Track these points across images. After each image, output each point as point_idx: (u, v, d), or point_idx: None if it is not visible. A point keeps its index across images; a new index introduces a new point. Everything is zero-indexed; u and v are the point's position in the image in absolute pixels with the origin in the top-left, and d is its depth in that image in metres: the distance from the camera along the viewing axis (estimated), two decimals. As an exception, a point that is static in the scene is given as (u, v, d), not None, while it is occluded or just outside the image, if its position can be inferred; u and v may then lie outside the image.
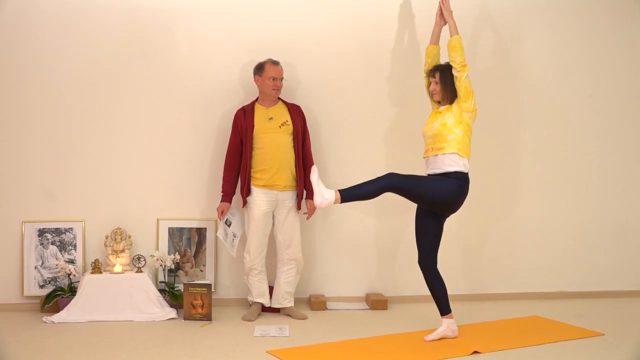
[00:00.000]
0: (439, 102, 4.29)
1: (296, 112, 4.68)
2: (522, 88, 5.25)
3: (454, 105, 4.15)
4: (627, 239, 5.42)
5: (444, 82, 4.19)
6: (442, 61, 4.36)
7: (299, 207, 4.68)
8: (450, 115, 4.12)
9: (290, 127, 4.62)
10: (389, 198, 4.13)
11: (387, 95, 5.08)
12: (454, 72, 4.14)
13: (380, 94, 5.07)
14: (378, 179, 4.03)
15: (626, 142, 5.41)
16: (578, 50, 5.30)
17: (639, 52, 5.38)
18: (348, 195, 4.00)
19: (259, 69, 4.62)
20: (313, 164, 4.65)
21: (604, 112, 5.37)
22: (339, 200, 3.96)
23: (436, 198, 4.08)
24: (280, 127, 4.59)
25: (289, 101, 4.77)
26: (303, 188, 4.66)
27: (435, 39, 4.45)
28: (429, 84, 4.31)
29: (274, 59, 4.63)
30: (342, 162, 5.05)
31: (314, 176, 3.97)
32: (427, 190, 4.07)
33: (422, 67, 4.49)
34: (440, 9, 4.43)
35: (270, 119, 4.61)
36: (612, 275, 5.38)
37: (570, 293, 5.32)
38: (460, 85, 4.11)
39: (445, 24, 4.40)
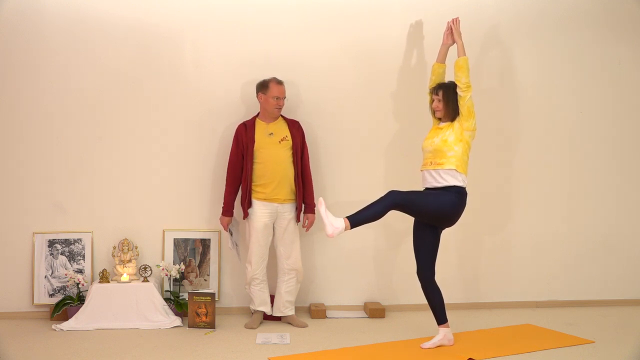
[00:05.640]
0: (440, 119, 4.30)
1: (295, 128, 4.70)
2: (516, 106, 5.28)
3: (455, 122, 4.17)
4: (614, 250, 5.47)
5: (446, 100, 4.20)
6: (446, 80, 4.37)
7: (298, 219, 4.72)
8: (451, 133, 4.15)
9: (290, 142, 4.64)
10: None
11: (388, 113, 5.11)
12: (458, 91, 4.16)
13: (380, 110, 5.10)
14: (381, 199, 4.02)
15: (613, 158, 5.46)
16: (569, 69, 5.35)
17: (625, 71, 5.44)
18: (356, 220, 3.96)
19: (264, 86, 4.62)
20: (311, 178, 4.73)
21: (592, 130, 5.42)
22: (349, 227, 3.92)
23: (437, 211, 4.09)
24: (280, 142, 4.61)
25: (289, 117, 4.81)
26: (302, 201, 4.69)
27: (442, 58, 4.45)
28: (432, 100, 4.32)
29: (279, 78, 4.64)
30: (342, 178, 5.08)
31: (322, 207, 3.92)
32: (428, 204, 4.08)
33: (421, 86, 4.47)
34: (450, 29, 4.42)
35: (270, 134, 4.63)
36: (600, 284, 5.44)
37: (561, 302, 5.37)
38: (463, 104, 4.13)
39: (453, 43, 4.40)
